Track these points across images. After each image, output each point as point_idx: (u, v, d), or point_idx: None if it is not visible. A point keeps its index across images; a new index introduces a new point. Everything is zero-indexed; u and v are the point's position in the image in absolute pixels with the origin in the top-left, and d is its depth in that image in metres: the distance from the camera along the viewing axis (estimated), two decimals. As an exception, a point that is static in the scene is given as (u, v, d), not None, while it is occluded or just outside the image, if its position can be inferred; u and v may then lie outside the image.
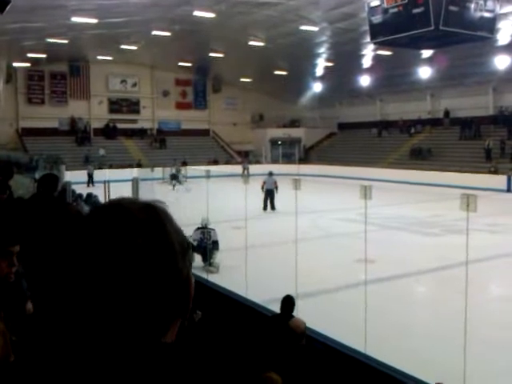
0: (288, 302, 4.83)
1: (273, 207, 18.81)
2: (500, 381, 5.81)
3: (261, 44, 28.80)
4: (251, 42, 28.57)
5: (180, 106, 42.01)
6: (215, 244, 10.67)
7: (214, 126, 42.94)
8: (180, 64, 37.35)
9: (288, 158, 41.93)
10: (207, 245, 10.51)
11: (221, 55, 33.03)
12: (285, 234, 12.03)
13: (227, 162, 38.99)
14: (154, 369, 0.79)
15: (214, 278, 8.54)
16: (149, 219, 0.86)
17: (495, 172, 27.39)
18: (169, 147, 39.11)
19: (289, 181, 7.94)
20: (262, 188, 18.88)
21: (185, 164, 32.09)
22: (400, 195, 25.24)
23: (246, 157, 40.39)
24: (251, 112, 43.66)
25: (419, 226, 16.36)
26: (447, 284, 9.02)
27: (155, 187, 17.00)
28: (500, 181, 26.24)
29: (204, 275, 8.89)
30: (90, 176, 29.72)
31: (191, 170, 25.51)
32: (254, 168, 34.48)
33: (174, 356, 0.83)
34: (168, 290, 0.83)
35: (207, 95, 43.18)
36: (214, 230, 10.83)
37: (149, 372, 0.78)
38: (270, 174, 19.68)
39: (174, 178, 28.24)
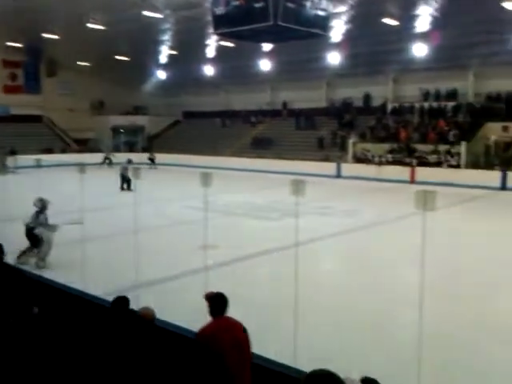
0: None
1: (129, 187, 20.82)
2: (327, 344, 6.35)
3: (101, 27, 27.48)
4: (90, 25, 27.10)
5: (9, 89, 38.34)
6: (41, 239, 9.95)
7: (49, 112, 39.96)
8: (8, 44, 34.10)
9: (131, 147, 40.96)
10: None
11: (56, 37, 30.84)
12: (127, 224, 11.72)
13: (64, 151, 36.74)
14: None
15: (50, 274, 7.98)
16: None
17: (327, 160, 29.75)
18: (-4, 134, 35.50)
19: (132, 170, 7.71)
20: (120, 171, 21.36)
21: (13, 153, 29.39)
22: (243, 183, 26.18)
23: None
24: (90, 98, 41.55)
25: (259, 211, 17.13)
26: (284, 264, 9.58)
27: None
28: (331, 167, 28.59)
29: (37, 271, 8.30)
30: None
31: (22, 159, 23.46)
32: (96, 157, 33.07)
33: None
34: None
35: (41, 78, 40.03)
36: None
37: None
38: (129, 161, 22.06)
39: None
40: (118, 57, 35.07)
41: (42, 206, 10.01)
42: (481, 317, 7.60)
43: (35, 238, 9.89)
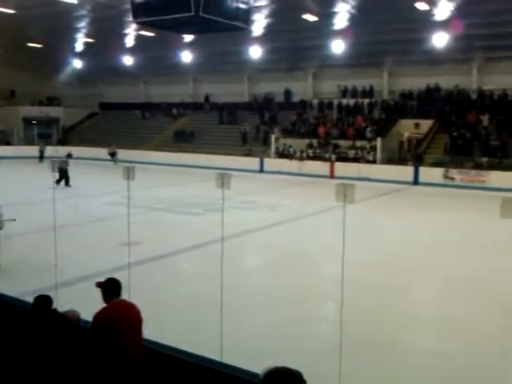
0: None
1: (67, 182, 20.03)
2: (252, 340, 6.34)
3: (10, 11, 25.77)
4: (-2, 8, 25.35)
5: None
6: None
7: (-47, 101, 37.13)
8: None
9: (45, 139, 38.91)
10: None
11: (-41, 19, 28.57)
12: (43, 221, 11.10)
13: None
14: None
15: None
16: None
17: (250, 154, 29.91)
18: None
19: (47, 164, 7.24)
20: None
21: None
22: (165, 177, 25.70)
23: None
24: (0, 87, 38.97)
25: (183, 206, 16.88)
26: (207, 259, 9.48)
27: None
28: (254, 162, 28.78)
29: None
30: None
31: None
32: (3, 149, 31.18)
33: None
34: None
35: None
36: None
37: None
38: (69, 155, 21.28)
39: None
40: (30, 44, 33.10)
41: None
42: (392, 306, 7.92)
43: None
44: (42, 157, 30.75)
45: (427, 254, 11.00)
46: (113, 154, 31.41)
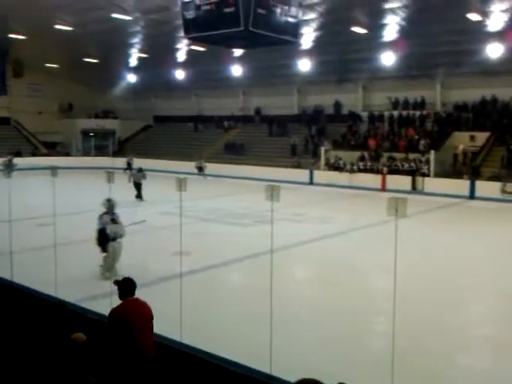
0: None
1: (140, 197, 20.74)
2: (302, 354, 6.29)
3: (69, 28, 26.98)
4: (57, 26, 26.57)
5: (-26, 90, 37.32)
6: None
7: (16, 114, 39.06)
8: (-27, 44, 33.17)
9: (101, 151, 40.27)
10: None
11: (23, 37, 30.12)
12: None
13: (33, 154, 35.91)
14: None
15: (21, 278, 7.68)
16: None
17: (299, 166, 29.85)
18: (-40, 137, 34.51)
19: (101, 174, 7.47)
20: (129, 180, 20.92)
21: None
22: (215, 188, 26.00)
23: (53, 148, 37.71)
24: (59, 100, 40.70)
25: (232, 217, 17.01)
26: (257, 270, 9.50)
27: None
28: (304, 174, 28.69)
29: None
30: None
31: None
32: (64, 160, 32.35)
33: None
34: None
35: (7, 80, 39.04)
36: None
37: None
38: (140, 170, 21.36)
39: None
40: (87, 59, 34.47)
41: (110, 207, 9.49)
42: (444, 323, 7.66)
43: (100, 241, 9.40)
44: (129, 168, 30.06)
45: (484, 270, 10.61)
46: (200, 168, 30.40)
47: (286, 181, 24.32)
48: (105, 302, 6.27)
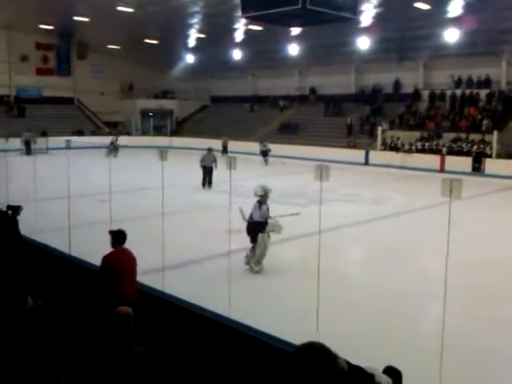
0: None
1: (210, 183, 18.18)
2: (352, 337, 6.34)
3: (130, 10, 27.61)
4: (120, 8, 27.25)
5: (41, 71, 38.94)
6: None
7: (80, 95, 40.58)
8: (41, 26, 34.54)
9: (159, 131, 41.21)
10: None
11: (86, 19, 31.12)
12: (153, 207, 11.86)
13: (94, 133, 37.28)
14: None
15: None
16: None
17: (355, 147, 29.43)
18: (28, 116, 36.23)
19: (155, 153, 7.71)
20: (200, 164, 18.35)
21: (44, 134, 29.99)
22: (269, 168, 26.10)
23: (115, 128, 38.97)
24: (120, 81, 41.90)
25: (286, 197, 17.07)
26: (308, 250, 9.56)
27: (9, 159, 15.64)
28: (359, 155, 28.29)
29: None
30: None
31: (53, 140, 23.80)
32: (123, 139, 33.36)
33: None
34: None
35: (72, 61, 40.53)
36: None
37: None
38: (210, 149, 18.60)
39: (27, 146, 26.78)
40: (147, 40, 35.21)
41: (264, 195, 8.77)
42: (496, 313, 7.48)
43: (259, 230, 8.72)
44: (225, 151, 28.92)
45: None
46: (265, 153, 27.51)
47: (341, 161, 24.09)
48: (157, 277, 6.57)
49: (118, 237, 5.60)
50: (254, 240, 8.78)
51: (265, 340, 4.70)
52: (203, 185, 18.24)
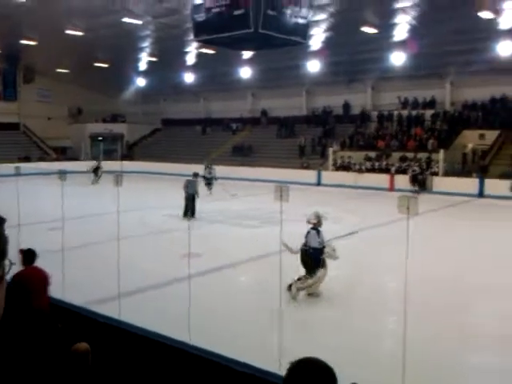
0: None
1: (193, 213, 16.06)
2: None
3: (79, 33, 27.20)
4: (68, 31, 26.81)
5: (-14, 96, 37.73)
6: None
7: (26, 120, 39.44)
8: (-15, 51, 33.54)
9: (110, 155, 40.49)
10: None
11: (34, 43, 30.43)
12: (109, 233, 11.54)
13: (41, 159, 36.20)
14: None
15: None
16: None
17: (307, 167, 29.84)
18: (-30, 142, 34.90)
19: (110, 178, 7.55)
20: (184, 191, 16.21)
21: None
22: (222, 190, 26.02)
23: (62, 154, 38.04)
24: (69, 105, 41.06)
25: (240, 219, 17.03)
26: (266, 270, 9.52)
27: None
28: (311, 175, 28.66)
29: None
30: None
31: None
32: (72, 165, 32.49)
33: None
34: None
35: (18, 86, 39.46)
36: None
37: None
38: (195, 175, 17.07)
39: None
40: (97, 63, 34.72)
41: (318, 222, 8.65)
42: (458, 326, 7.63)
43: (317, 262, 8.37)
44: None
45: (495, 270, 10.54)
46: (209, 180, 24.01)
47: (294, 182, 24.27)
48: (113, 305, 6.35)
49: (28, 256, 5.66)
50: (309, 268, 8.30)
51: (225, 364, 4.60)
52: (185, 214, 16.02)
